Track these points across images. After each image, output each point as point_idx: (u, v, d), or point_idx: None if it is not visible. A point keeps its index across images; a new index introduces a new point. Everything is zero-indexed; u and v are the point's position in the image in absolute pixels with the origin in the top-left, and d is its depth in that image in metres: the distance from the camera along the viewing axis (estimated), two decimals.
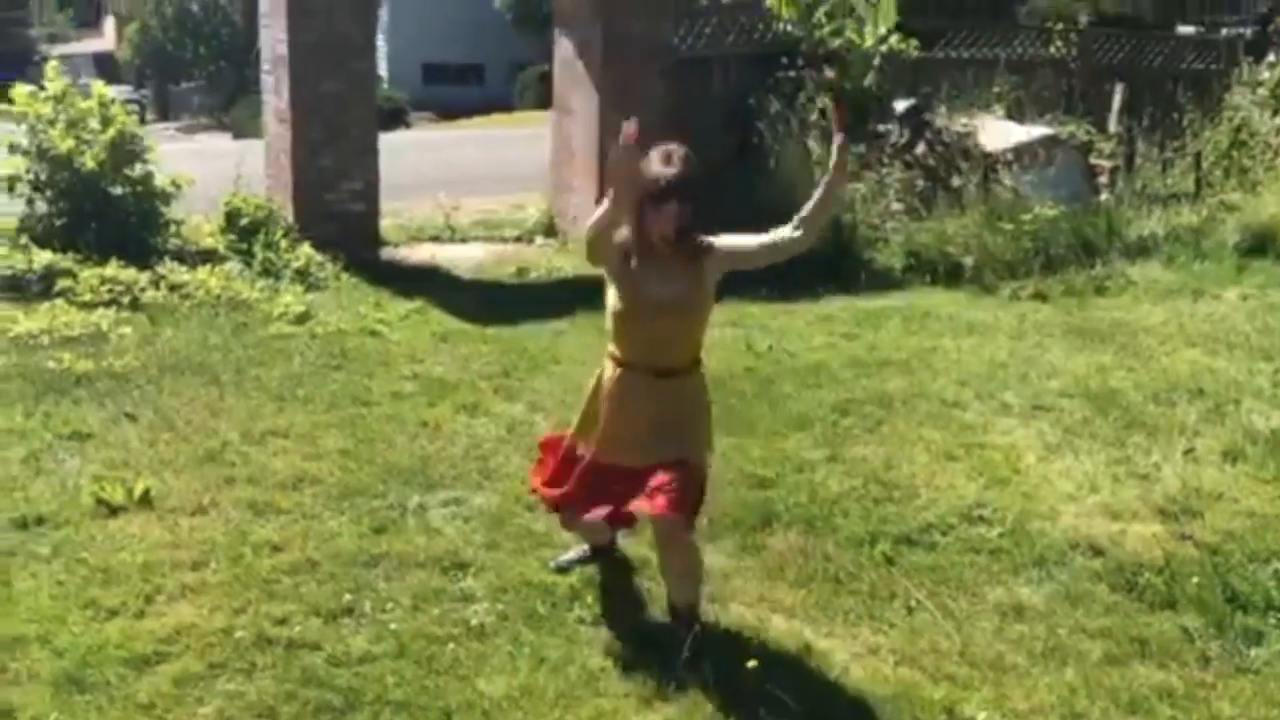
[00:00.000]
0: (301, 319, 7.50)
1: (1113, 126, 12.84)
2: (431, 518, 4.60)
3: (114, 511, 4.49)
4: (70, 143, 8.53)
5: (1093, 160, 11.09)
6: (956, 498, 4.89)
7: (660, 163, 3.53)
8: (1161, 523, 4.69)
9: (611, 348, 3.74)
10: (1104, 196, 10.62)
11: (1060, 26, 13.78)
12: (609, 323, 3.72)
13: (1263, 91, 12.39)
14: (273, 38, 9.67)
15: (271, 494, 4.73)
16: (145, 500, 4.57)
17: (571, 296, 8.42)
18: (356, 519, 4.54)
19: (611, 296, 3.67)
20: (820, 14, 11.29)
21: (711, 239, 3.70)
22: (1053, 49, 13.18)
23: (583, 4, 10.42)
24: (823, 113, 9.95)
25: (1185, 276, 9.25)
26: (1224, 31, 27.44)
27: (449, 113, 28.49)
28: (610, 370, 3.74)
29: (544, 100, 26.87)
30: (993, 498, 4.90)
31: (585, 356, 6.68)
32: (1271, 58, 12.79)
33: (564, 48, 10.86)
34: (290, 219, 9.35)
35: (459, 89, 31.66)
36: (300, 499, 4.71)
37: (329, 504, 4.68)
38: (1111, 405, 6.06)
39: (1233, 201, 10.67)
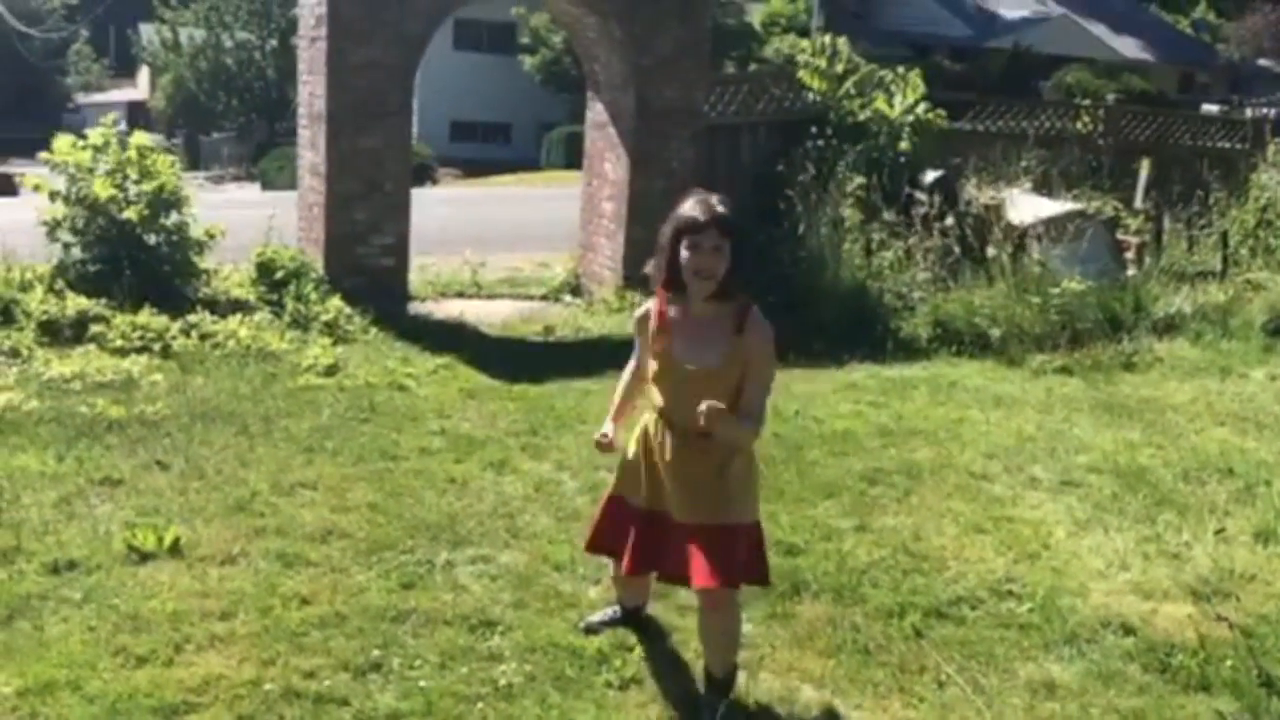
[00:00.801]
0: (330, 371, 7.55)
1: (1139, 202, 12.92)
2: (459, 575, 4.60)
3: (144, 558, 4.51)
4: (109, 191, 8.66)
5: (1120, 236, 11.12)
6: (986, 571, 4.86)
7: (695, 202, 3.47)
8: (1194, 603, 4.64)
9: (652, 395, 3.70)
10: (1131, 272, 10.63)
11: (1088, 103, 13.91)
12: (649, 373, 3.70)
13: None
14: (310, 94, 9.84)
15: (300, 546, 4.74)
16: (175, 548, 4.58)
17: (598, 356, 8.47)
18: (385, 574, 4.54)
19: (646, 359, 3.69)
20: (849, 85, 11.46)
21: (757, 313, 3.55)
22: (1079, 125, 13.30)
23: (615, 70, 10.58)
24: (859, 183, 10.06)
25: (1213, 355, 9.23)
26: (1249, 111, 27.74)
27: (476, 170, 28.79)
28: (649, 417, 3.74)
29: (570, 160, 27.26)
30: (1022, 572, 4.86)
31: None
32: None
33: (596, 111, 11.02)
34: (321, 271, 9.45)
35: (486, 147, 32.04)
36: (329, 552, 4.71)
37: (357, 558, 4.68)
38: (1141, 483, 6.03)
39: (1260, 280, 10.69)
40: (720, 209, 3.43)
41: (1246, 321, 9.92)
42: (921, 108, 11.22)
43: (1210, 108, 29.19)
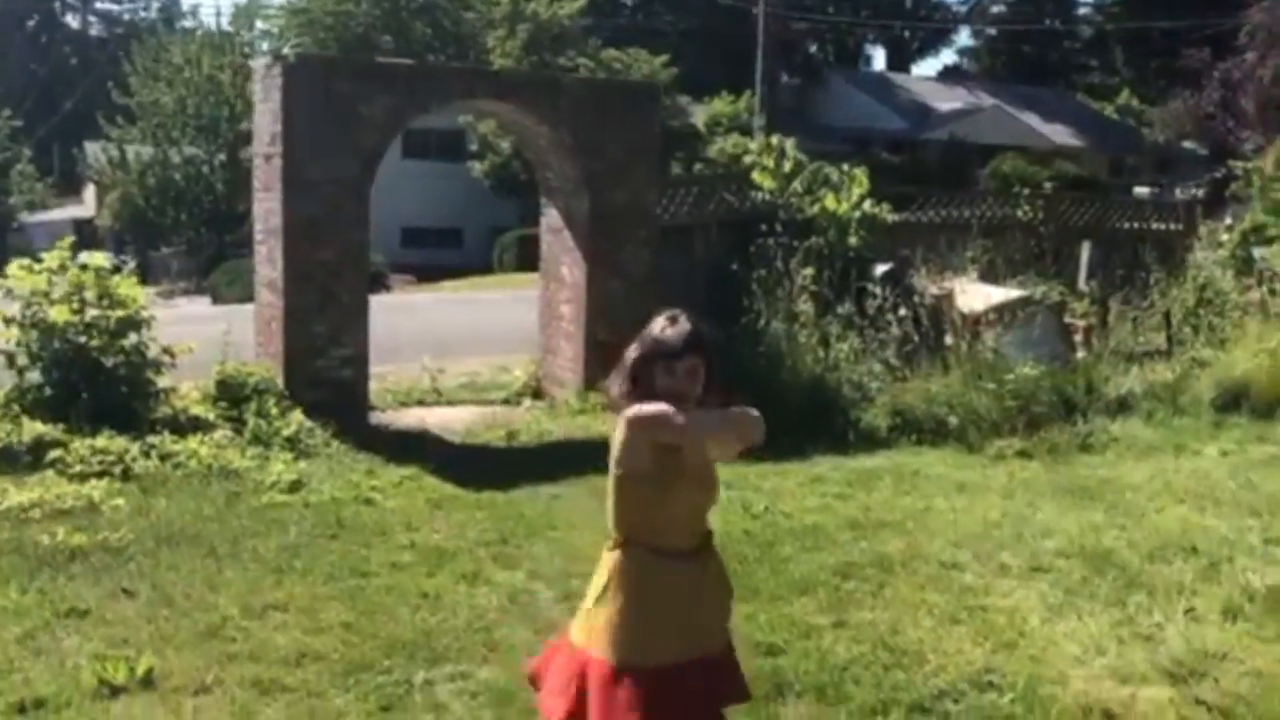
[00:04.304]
0: (294, 488, 7.48)
1: (1082, 284, 13.26)
2: (438, 694, 4.54)
3: (115, 692, 4.41)
4: (65, 314, 8.61)
5: (1067, 320, 11.38)
6: (965, 663, 4.87)
7: (666, 324, 3.22)
8: (1171, 685, 4.68)
9: (647, 538, 3.19)
10: (1080, 355, 10.86)
11: (1027, 191, 14.34)
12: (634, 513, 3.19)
13: (1223, 252, 12.85)
14: (266, 209, 9.90)
15: (275, 671, 4.66)
16: (148, 679, 4.48)
17: (563, 460, 8.49)
18: (362, 696, 4.47)
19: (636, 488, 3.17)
20: (797, 183, 11.74)
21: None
22: (1020, 212, 13.68)
23: (568, 176, 10.77)
24: (813, 277, 10.26)
25: (1165, 433, 9.41)
26: (1178, 192, 28.65)
27: (429, 276, 28.92)
28: (647, 564, 3.19)
29: (523, 263, 27.43)
30: (1001, 662, 4.88)
31: (582, 521, 6.71)
32: (1229, 219, 13.30)
33: (551, 217, 11.18)
34: (280, 386, 9.41)
35: (439, 252, 32.20)
36: (305, 676, 4.63)
37: (334, 681, 4.60)
38: (1108, 565, 6.10)
39: (1204, 358, 10.93)
40: (692, 328, 3.19)
41: (1195, 398, 10.14)
42: (867, 203, 11.50)
43: (1142, 190, 30.16)
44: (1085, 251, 13.89)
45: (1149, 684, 4.70)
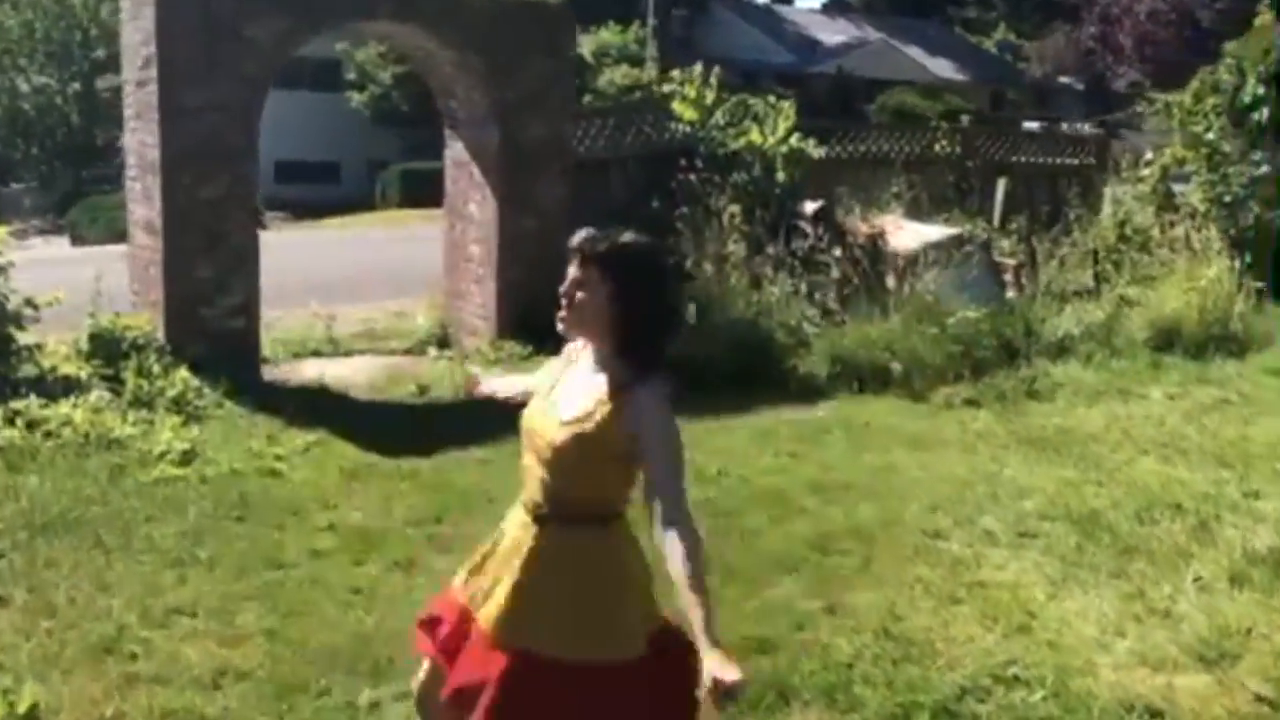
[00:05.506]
0: (187, 458, 6.61)
1: (997, 220, 12.96)
2: (388, 716, 3.85)
3: None
4: None
5: (996, 258, 11.02)
6: (981, 652, 4.37)
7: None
8: (1205, 670, 4.26)
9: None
10: (1010, 294, 10.52)
11: (945, 126, 13.95)
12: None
13: (1143, 187, 12.66)
14: (139, 141, 8.85)
15: (188, 696, 3.90)
16: (32, 717, 3.68)
17: (486, 418, 7.68)
18: None
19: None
20: (719, 115, 11.08)
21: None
22: (938, 147, 13.27)
23: (477, 105, 9.90)
24: (741, 216, 9.62)
25: (1106, 375, 9.12)
26: (1064, 127, 28.80)
27: (305, 212, 27.49)
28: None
29: (407, 198, 26.19)
30: (1019, 651, 4.39)
31: (519, 491, 6.02)
32: (1149, 154, 13.09)
33: (456, 150, 10.31)
34: (162, 339, 8.45)
35: (315, 187, 30.63)
36: (225, 701, 3.88)
37: (261, 706, 3.87)
38: (1097, 528, 5.68)
39: (1132, 296, 10.70)
40: (590, 235, 2.72)
41: (1130, 340, 9.89)
42: (794, 137, 10.91)
43: (1031, 125, 30.27)
44: (1000, 188, 13.59)
45: (1182, 671, 4.27)
